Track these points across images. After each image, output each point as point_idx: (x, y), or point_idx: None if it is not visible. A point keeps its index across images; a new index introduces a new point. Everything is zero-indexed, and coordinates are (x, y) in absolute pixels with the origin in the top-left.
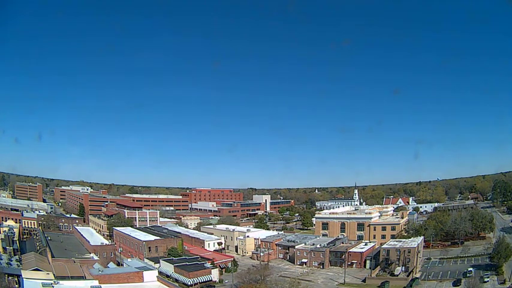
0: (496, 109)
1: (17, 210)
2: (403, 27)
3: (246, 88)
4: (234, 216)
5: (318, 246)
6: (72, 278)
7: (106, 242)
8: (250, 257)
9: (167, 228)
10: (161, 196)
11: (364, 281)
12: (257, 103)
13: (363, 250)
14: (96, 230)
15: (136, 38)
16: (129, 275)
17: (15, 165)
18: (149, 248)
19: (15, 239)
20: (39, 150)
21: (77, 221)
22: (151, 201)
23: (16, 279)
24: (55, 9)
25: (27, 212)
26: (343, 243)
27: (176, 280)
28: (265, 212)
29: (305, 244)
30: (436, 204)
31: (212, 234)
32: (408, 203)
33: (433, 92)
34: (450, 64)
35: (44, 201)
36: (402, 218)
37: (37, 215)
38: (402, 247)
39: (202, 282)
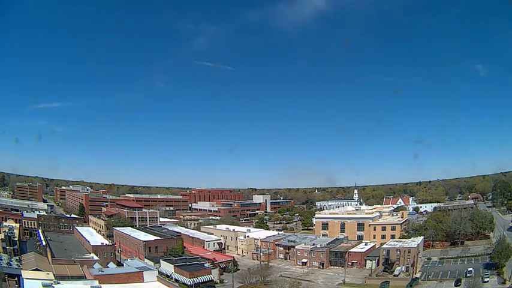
0: (497, 109)
1: (17, 210)
2: (403, 25)
3: (245, 88)
4: (234, 216)
5: (318, 246)
6: (72, 278)
7: (106, 242)
8: (251, 257)
9: (167, 228)
10: (161, 196)
11: (364, 281)
12: (257, 103)
13: (363, 250)
14: (96, 230)
15: (136, 38)
16: (129, 275)
17: (15, 165)
18: (149, 248)
19: (15, 239)
20: (39, 150)
21: (77, 221)
22: (152, 201)
23: (16, 279)
24: (55, 9)
25: (27, 212)
26: (343, 243)
27: (176, 280)
28: (265, 212)
29: (305, 244)
30: (436, 204)
31: (212, 234)
32: (408, 203)
33: (433, 92)
34: (450, 63)
35: (44, 201)
36: (402, 218)
37: (37, 215)
38: (402, 247)
39: (202, 283)
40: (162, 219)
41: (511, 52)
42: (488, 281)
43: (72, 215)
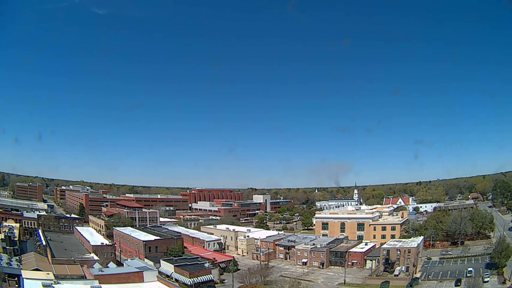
0: (497, 109)
1: (17, 210)
2: (403, 25)
3: (245, 88)
4: (234, 216)
5: (318, 246)
6: (72, 278)
7: (106, 242)
8: (251, 257)
9: (167, 228)
10: (161, 196)
11: (364, 281)
12: (257, 103)
13: (363, 250)
14: (96, 230)
15: (137, 38)
16: (129, 275)
17: (15, 165)
18: (149, 248)
19: (15, 239)
20: (39, 150)
21: (77, 221)
22: (152, 201)
23: (16, 279)
24: (55, 8)
25: (27, 212)
26: (343, 243)
27: (176, 280)
28: (265, 212)
29: (305, 244)
30: (436, 204)
31: (212, 234)
32: (408, 203)
33: (433, 92)
34: (450, 63)
35: (44, 201)
36: (402, 218)
37: (37, 215)
38: (402, 247)
39: (202, 282)
40: (162, 219)
41: (511, 52)
42: (488, 281)
43: (72, 215)
